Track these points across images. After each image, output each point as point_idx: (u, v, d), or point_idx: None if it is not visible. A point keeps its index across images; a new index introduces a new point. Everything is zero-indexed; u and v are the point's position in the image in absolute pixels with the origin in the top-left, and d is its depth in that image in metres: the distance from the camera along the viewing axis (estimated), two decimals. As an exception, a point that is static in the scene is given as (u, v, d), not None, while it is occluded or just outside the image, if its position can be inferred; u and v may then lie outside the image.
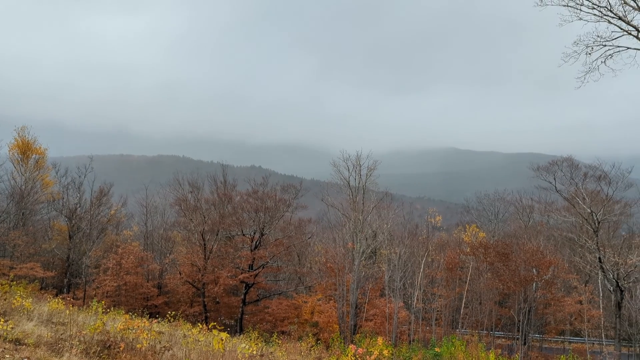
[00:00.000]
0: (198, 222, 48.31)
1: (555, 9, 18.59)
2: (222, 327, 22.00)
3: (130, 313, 27.21)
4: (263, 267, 48.33)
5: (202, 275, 45.58)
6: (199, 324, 25.27)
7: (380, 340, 29.54)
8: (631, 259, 42.91)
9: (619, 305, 41.67)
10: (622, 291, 41.60)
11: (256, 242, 48.49)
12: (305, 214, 66.23)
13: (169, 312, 26.48)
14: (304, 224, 59.28)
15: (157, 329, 18.26)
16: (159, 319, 25.35)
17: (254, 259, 47.73)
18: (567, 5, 18.61)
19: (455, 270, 48.83)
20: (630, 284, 43.38)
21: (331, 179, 53.57)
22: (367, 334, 35.96)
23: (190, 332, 20.89)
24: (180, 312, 39.91)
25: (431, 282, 49.93)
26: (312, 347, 27.75)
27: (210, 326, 19.16)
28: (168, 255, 54.28)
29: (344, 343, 32.26)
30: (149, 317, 25.15)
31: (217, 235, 48.59)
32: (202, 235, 47.70)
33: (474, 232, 72.92)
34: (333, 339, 31.51)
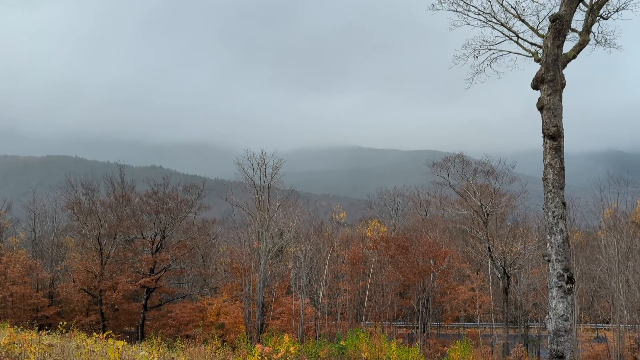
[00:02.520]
0: (93, 226, 45.57)
1: (446, 14, 19.56)
2: (119, 336, 20.89)
3: (17, 326, 25.04)
4: (165, 271, 46.64)
5: (98, 282, 43.07)
6: (96, 334, 23.85)
7: (286, 337, 29.65)
8: (516, 247, 46.71)
9: (506, 291, 45.17)
10: (508, 277, 45.13)
11: (157, 245, 46.68)
12: (210, 215, 64.87)
13: (61, 323, 24.73)
14: (208, 224, 58.09)
15: (47, 341, 16.98)
16: (50, 330, 23.59)
17: (155, 262, 45.94)
18: (456, 11, 19.69)
19: (359, 265, 50.27)
20: (516, 270, 47.19)
21: (236, 178, 52.84)
22: (274, 332, 35.95)
23: (84, 343, 19.62)
24: (74, 322, 37.47)
25: (336, 277, 51.01)
26: (217, 349, 27.24)
27: (105, 335, 18.09)
28: (60, 262, 50.69)
29: (251, 343, 32.00)
30: (39, 330, 23.36)
31: (114, 239, 46.14)
32: (98, 239, 45.07)
33: (376, 227, 75.44)
34: (239, 340, 31.09)
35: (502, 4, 18.68)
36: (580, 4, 16.80)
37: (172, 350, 24.24)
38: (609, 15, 17.95)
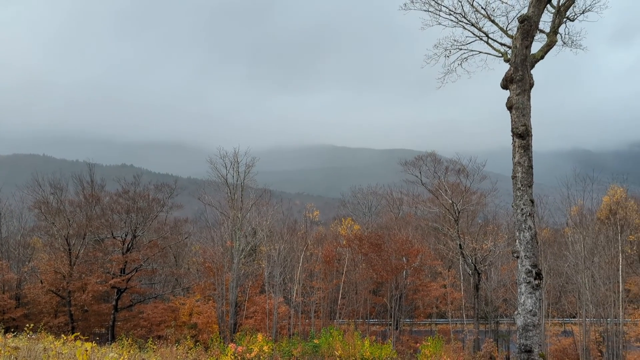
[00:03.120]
0: (62, 226, 44.56)
1: (418, 14, 19.73)
2: (88, 337, 20.48)
3: (-19, 330, 24.31)
4: (136, 271, 45.92)
5: (67, 283, 42.15)
6: (64, 336, 23.34)
7: (260, 336, 29.59)
8: (486, 244, 47.52)
9: (476, 287, 45.88)
10: (479, 274, 45.86)
11: (128, 245, 45.93)
12: (182, 214, 64.18)
13: (28, 325, 24.13)
14: (181, 224, 57.47)
15: (14, 344, 16.54)
16: (17, 333, 22.99)
17: (126, 262, 45.20)
18: (428, 11, 19.90)
19: (333, 263, 50.41)
20: (486, 267, 48.00)
21: (208, 177, 52.32)
22: (248, 332, 35.80)
23: (52, 345, 19.17)
24: (42, 324, 36.58)
25: (310, 276, 51.06)
26: (190, 349, 26.99)
27: (73, 336, 17.72)
28: (27, 263, 49.39)
29: (224, 343, 31.80)
30: (5, 332, 22.74)
31: (84, 239, 45.24)
32: (66, 239, 44.09)
33: (349, 225, 75.79)
34: (212, 340, 30.85)
35: (472, 5, 18.96)
36: (548, 6, 17.17)
37: (144, 351, 23.92)
38: (575, 16, 18.40)
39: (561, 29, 18.17)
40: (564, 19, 17.91)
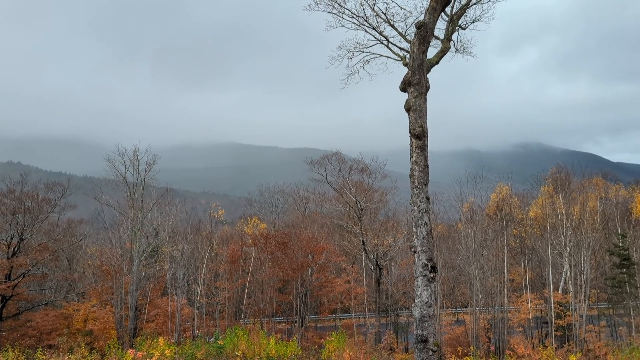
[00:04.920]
0: None
1: (322, 15, 20.07)
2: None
3: None
4: (24, 276, 42.44)
5: (-60, 293, 38.07)
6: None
7: (161, 340, 28.65)
8: (387, 240, 49.45)
9: (378, 282, 47.63)
10: (380, 269, 47.64)
11: (14, 249, 42.33)
12: (77, 215, 60.44)
13: None
14: (75, 225, 54.11)
15: None
16: None
17: (12, 267, 41.58)
18: (331, 13, 20.31)
19: (238, 262, 49.91)
20: (387, 262, 49.98)
21: (106, 175, 49.53)
22: (149, 336, 34.49)
23: None
24: None
25: (215, 276, 50.16)
26: (84, 358, 25.50)
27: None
28: None
29: (123, 349, 30.34)
30: None
31: (-39, 243, 41.06)
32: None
33: (255, 224, 75.40)
34: (110, 346, 29.34)
35: (373, 9, 19.62)
36: (442, 14, 18.21)
37: (31, 363, 22.22)
38: (467, 25, 19.70)
39: (454, 37, 19.40)
40: (457, 27, 19.10)
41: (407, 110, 17.18)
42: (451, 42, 19.02)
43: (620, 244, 44.84)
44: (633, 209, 63.97)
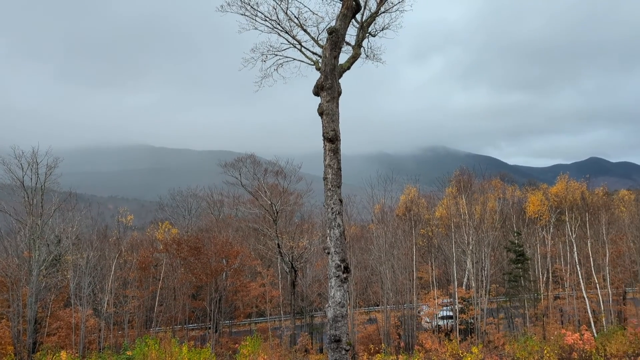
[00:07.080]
0: None
1: (235, 17, 19.92)
2: None
3: None
4: None
5: None
6: None
7: (64, 354, 26.99)
8: (302, 242, 49.90)
9: (293, 284, 47.89)
10: (295, 271, 47.94)
11: None
12: (-35, 222, 55.18)
13: None
14: (-37, 233, 49.38)
15: None
16: None
17: None
18: (244, 15, 20.19)
19: (149, 269, 48.15)
20: (302, 264, 50.37)
21: (1, 180, 45.76)
22: (50, 350, 32.34)
23: None
24: None
25: (124, 284, 47.97)
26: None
27: None
28: None
29: (20, 366, 28.19)
30: None
31: None
32: None
33: (167, 229, 73.02)
34: (5, 364, 27.17)
35: (286, 13, 19.76)
36: (353, 21, 18.75)
37: None
38: (376, 32, 20.40)
39: (365, 43, 20.01)
40: (367, 34, 19.74)
41: (320, 114, 17.49)
42: (362, 49, 19.59)
43: (516, 241, 48.38)
44: (527, 208, 69.24)
